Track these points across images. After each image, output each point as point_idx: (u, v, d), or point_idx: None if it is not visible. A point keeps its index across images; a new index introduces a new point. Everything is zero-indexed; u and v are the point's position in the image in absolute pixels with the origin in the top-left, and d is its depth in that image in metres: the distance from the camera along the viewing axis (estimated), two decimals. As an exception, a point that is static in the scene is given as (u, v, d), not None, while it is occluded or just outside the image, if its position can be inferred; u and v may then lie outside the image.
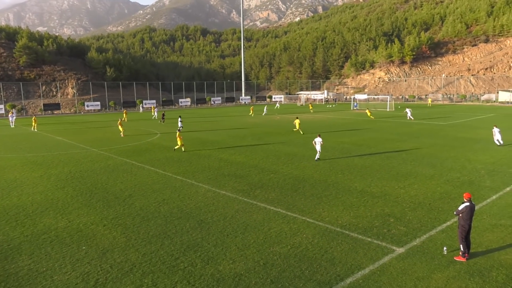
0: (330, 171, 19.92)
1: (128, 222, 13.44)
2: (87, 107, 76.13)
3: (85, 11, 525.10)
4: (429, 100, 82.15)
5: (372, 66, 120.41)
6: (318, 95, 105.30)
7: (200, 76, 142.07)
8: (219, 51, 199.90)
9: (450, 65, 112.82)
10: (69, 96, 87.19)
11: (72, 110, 77.89)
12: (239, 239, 11.91)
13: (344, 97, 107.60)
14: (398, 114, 55.77)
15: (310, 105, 68.10)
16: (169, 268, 10.36)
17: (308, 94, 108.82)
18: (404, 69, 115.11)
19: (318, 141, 22.90)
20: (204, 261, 10.69)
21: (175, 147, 26.42)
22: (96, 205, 15.18)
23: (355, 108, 67.49)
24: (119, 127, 35.79)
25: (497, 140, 27.19)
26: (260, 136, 33.94)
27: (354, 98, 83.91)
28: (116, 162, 22.99)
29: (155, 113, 56.73)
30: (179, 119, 39.88)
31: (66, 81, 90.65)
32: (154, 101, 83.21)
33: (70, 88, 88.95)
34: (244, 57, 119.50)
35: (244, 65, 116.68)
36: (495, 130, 27.59)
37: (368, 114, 49.85)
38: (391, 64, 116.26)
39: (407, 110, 47.92)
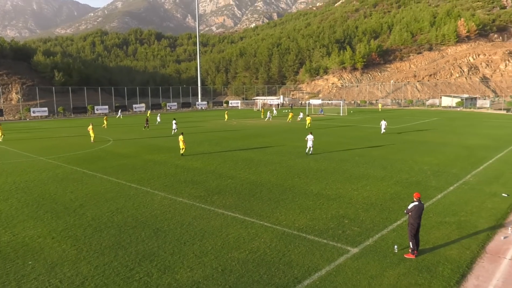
0: (287, 175, 20.20)
1: (79, 233, 12.84)
2: (33, 113, 72.01)
3: (30, 12, 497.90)
4: (380, 105, 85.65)
5: (325, 72, 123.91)
6: (274, 100, 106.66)
7: (155, 81, 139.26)
8: (174, 56, 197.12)
9: (398, 71, 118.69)
10: (13, 102, 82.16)
11: (16, 117, 73.35)
12: (196, 246, 11.74)
13: (300, 102, 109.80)
14: (351, 119, 57.63)
15: (263, 110, 68.75)
16: (124, 280, 10.00)
17: (264, 100, 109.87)
18: (355, 75, 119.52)
19: (310, 138, 26.09)
20: (161, 271, 10.42)
21: (182, 152, 25.94)
22: (44, 217, 14.37)
23: (320, 113, 68.84)
24: (90, 132, 34.40)
25: (383, 128, 38.56)
26: (217, 141, 33.90)
27: (309, 103, 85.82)
28: (65, 171, 21.93)
29: (158, 119, 53.85)
30: (174, 122, 40.33)
31: (10, 85, 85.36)
32: (143, 105, 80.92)
33: (14, 93, 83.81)
34: (200, 62, 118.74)
35: (200, 70, 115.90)
36: (383, 123, 38.84)
37: (308, 121, 44.72)
38: (344, 70, 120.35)
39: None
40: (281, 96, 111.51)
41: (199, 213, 14.57)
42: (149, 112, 71.66)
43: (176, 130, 39.68)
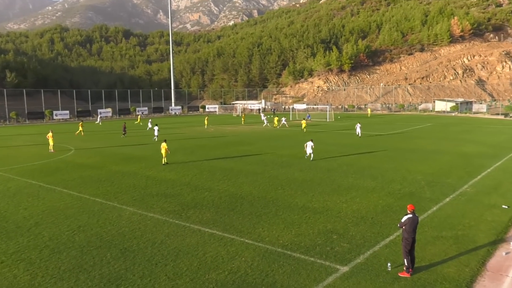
0: (270, 187, 20.20)
1: (34, 256, 12.44)
2: (-18, 119, 70.01)
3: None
4: (369, 110, 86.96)
5: (310, 74, 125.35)
6: (255, 105, 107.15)
7: (123, 83, 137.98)
8: (144, 55, 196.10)
9: (388, 74, 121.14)
10: (-44, 106, 79.72)
11: (-40, 123, 71.20)
12: (169, 268, 11.53)
13: (283, 106, 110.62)
14: (338, 125, 58.34)
15: (243, 115, 68.92)
16: (86, 307, 9.71)
17: (244, 104, 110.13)
18: (343, 77, 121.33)
19: (309, 144, 27.75)
20: (129, 296, 10.18)
21: (164, 161, 26.35)
22: (-6, 237, 13.88)
23: (308, 119, 69.36)
24: (49, 139, 33.73)
25: (358, 133, 41.86)
26: (192, 150, 33.81)
27: (293, 108, 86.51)
28: (18, 185, 21.32)
29: (150, 124, 54.11)
30: (156, 128, 40.81)
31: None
32: (109, 110, 79.72)
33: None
34: (173, 63, 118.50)
35: (173, 72, 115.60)
36: (358, 126, 42.36)
37: (304, 125, 49.26)
38: (330, 73, 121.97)
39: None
40: (263, 101, 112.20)
41: (173, 230, 14.36)
42: (139, 117, 72.02)
43: (157, 137, 40.30)
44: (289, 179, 21.88)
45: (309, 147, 27.76)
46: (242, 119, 65.26)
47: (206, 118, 60.10)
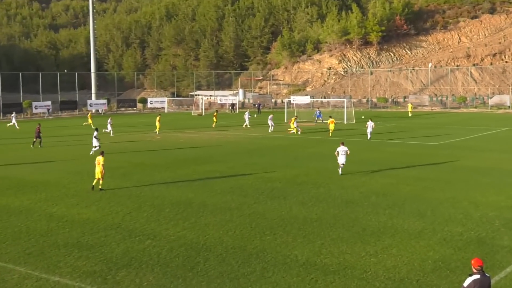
0: (252, 231, 20.10)
1: None
2: None
3: None
4: (410, 106, 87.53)
5: (317, 49, 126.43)
6: (228, 98, 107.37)
7: (11, 61, 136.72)
8: (47, 17, 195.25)
9: (440, 48, 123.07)
10: None
11: None
12: None
13: (273, 100, 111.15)
14: (361, 129, 58.86)
15: (214, 114, 68.89)
16: None
17: (210, 97, 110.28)
18: (368, 54, 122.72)
19: (342, 150, 30.15)
20: None
21: (96, 182, 27.71)
22: None
23: (318, 119, 69.50)
24: None
25: (368, 134, 48.06)
26: (126, 170, 33.80)
27: (289, 102, 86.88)
28: None
29: (109, 127, 57.45)
30: (95, 136, 42.47)
31: None
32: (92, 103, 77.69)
33: None
34: (94, 30, 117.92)
35: (94, 44, 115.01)
36: (369, 124, 47.94)
37: (332, 127, 53.63)
38: (348, 47, 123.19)
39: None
40: (240, 91, 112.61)
41: (92, 303, 14.12)
42: (90, 114, 73.37)
43: (97, 148, 41.29)
44: (283, 217, 21.83)
45: (342, 155, 30.38)
46: (214, 120, 65.14)
47: (158, 118, 59.50)
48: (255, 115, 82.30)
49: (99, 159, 27.76)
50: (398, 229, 20.18)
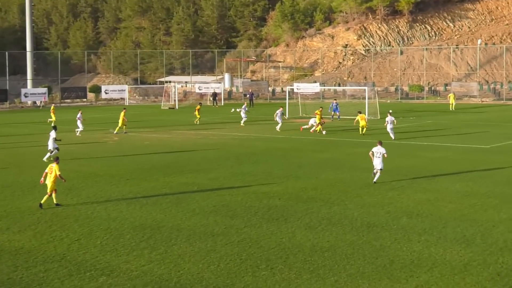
0: (242, 263, 20.02)
1: None
2: None
3: None
4: (452, 97, 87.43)
5: (328, 19, 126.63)
6: (210, 85, 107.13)
7: None
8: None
9: (493, 20, 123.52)
10: None
11: None
12: None
13: (270, 88, 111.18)
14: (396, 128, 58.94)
15: (197, 108, 68.92)
16: None
17: (186, 84, 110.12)
18: (398, 27, 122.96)
19: (377, 152, 31.65)
20: None
21: (46, 199, 27.99)
22: None
23: (335, 113, 69.67)
24: None
25: (390, 130, 51.17)
26: (71, 184, 33.59)
27: (292, 90, 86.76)
28: None
29: (80, 125, 59.79)
30: (53, 134, 43.60)
31: None
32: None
33: None
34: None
35: (31, 14, 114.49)
36: (389, 119, 51.17)
37: (362, 124, 55.15)
38: (370, 17, 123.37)
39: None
40: (226, 76, 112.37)
41: None
42: (52, 106, 74.93)
43: (53, 153, 42.04)
44: (284, 247, 21.71)
45: (377, 157, 31.87)
46: (196, 116, 65.15)
47: (122, 113, 59.29)
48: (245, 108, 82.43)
49: (53, 167, 28.02)
50: (437, 261, 20.08)
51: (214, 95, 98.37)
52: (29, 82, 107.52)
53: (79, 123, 56.51)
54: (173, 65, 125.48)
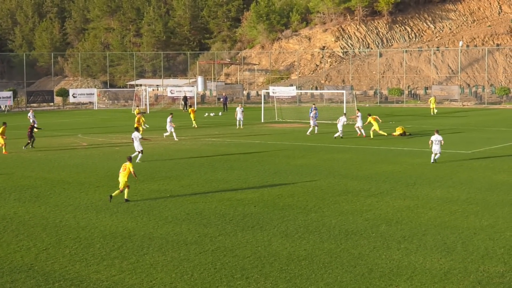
0: (217, 272, 19.97)
1: None
2: None
3: None
4: (433, 101, 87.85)
5: (305, 20, 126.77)
6: (182, 89, 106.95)
7: None
8: None
9: (475, 21, 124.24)
10: None
11: None
12: None
13: (245, 92, 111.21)
14: (366, 131, 59.26)
15: (191, 110, 69.14)
16: None
17: (157, 87, 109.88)
18: (377, 28, 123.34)
19: (436, 140, 38.66)
20: None
21: (117, 194, 30.71)
22: None
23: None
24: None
25: (340, 132, 56.05)
26: (38, 191, 33.58)
27: (268, 94, 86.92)
28: None
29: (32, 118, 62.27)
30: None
31: None
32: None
33: None
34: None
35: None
36: (341, 120, 56.59)
37: (376, 127, 56.36)
38: (349, 18, 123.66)
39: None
40: (199, 79, 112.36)
41: None
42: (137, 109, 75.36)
43: (137, 154, 43.54)
44: (259, 256, 21.78)
45: (436, 144, 39.36)
46: (192, 117, 66.07)
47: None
48: (220, 113, 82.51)
49: (126, 165, 30.51)
50: (417, 269, 20.21)
51: (185, 99, 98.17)
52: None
53: (168, 126, 56.69)
54: (144, 68, 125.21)
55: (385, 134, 55.22)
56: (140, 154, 43.11)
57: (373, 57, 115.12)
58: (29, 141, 50.62)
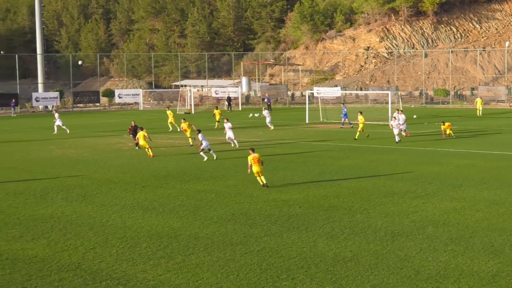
0: (262, 273, 19.91)
1: None
2: None
3: None
4: (479, 102, 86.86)
5: (349, 21, 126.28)
6: (228, 89, 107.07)
7: None
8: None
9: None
10: None
11: None
12: None
13: (289, 92, 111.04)
14: (416, 140, 58.76)
15: (217, 112, 69.50)
16: None
17: (202, 88, 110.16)
18: (422, 28, 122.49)
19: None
20: None
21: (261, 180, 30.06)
22: None
23: (344, 121, 69.42)
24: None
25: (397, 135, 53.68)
26: (85, 191, 33.78)
27: (312, 95, 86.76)
28: None
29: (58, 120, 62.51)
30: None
31: None
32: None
33: None
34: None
35: (41, 15, 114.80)
36: (396, 118, 55.57)
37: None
38: (393, 18, 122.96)
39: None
40: (244, 80, 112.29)
41: None
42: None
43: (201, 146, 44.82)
44: (305, 257, 21.74)
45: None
46: (216, 120, 66.34)
47: (171, 114, 60.21)
48: (260, 114, 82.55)
49: (255, 156, 33.70)
50: (464, 272, 20.03)
51: (229, 99, 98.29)
52: (40, 86, 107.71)
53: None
54: (189, 69, 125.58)
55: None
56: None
57: (418, 57, 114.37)
58: (135, 141, 50.21)
